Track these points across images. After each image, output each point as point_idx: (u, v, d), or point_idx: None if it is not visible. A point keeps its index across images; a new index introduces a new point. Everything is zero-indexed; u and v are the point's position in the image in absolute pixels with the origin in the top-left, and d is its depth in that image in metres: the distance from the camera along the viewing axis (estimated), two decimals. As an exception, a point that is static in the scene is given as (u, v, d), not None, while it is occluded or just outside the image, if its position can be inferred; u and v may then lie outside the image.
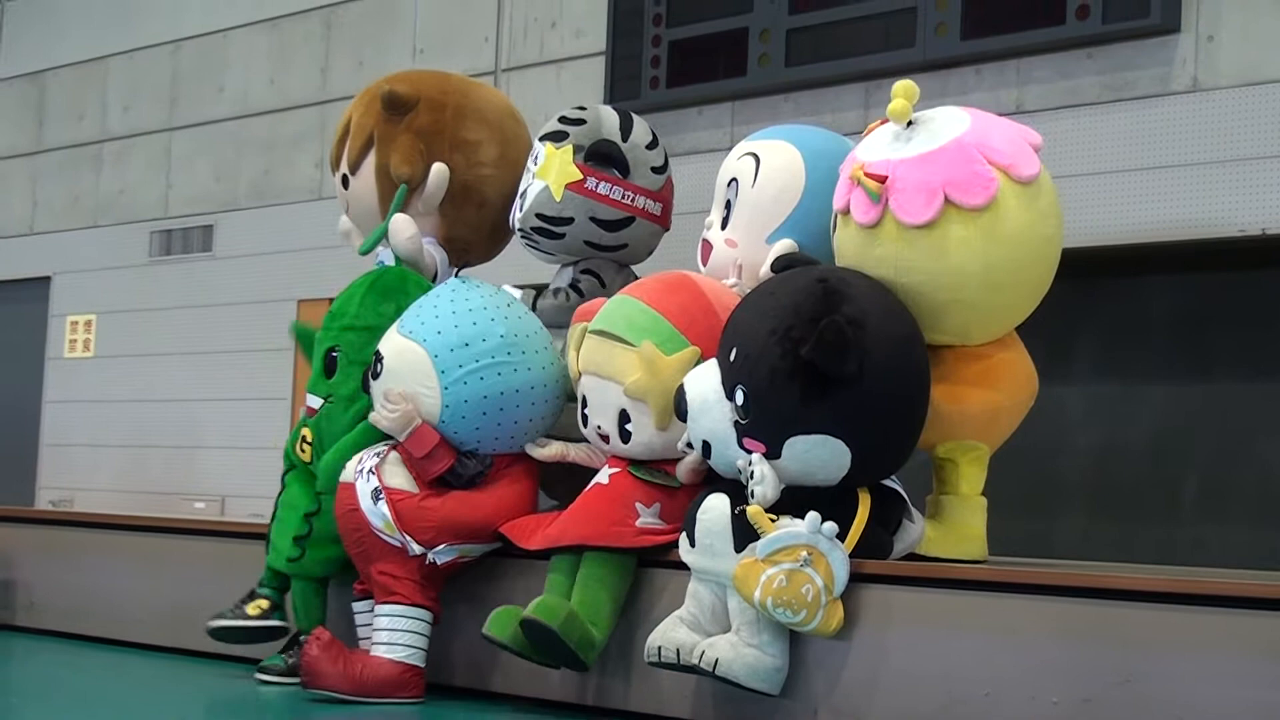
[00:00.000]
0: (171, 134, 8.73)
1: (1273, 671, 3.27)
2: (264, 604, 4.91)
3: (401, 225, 4.93)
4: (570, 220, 4.89)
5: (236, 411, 8.04)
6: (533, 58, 7.07)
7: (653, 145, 5.01)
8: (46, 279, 9.32)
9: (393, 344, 4.54)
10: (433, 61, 7.18)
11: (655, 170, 4.98)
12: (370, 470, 4.47)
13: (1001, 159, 3.95)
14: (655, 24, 6.38)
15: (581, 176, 4.88)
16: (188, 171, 8.60)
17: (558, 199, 4.88)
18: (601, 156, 4.90)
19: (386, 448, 4.52)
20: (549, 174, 4.89)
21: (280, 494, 4.89)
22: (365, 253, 5.04)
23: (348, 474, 4.52)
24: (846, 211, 4.07)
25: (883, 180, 3.95)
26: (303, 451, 4.83)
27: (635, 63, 6.44)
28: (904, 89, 4.01)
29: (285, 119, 8.13)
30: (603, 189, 4.89)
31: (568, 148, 4.88)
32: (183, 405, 8.40)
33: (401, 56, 7.50)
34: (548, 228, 4.92)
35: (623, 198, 4.90)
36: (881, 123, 4.15)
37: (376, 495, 4.44)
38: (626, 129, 4.96)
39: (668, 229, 5.11)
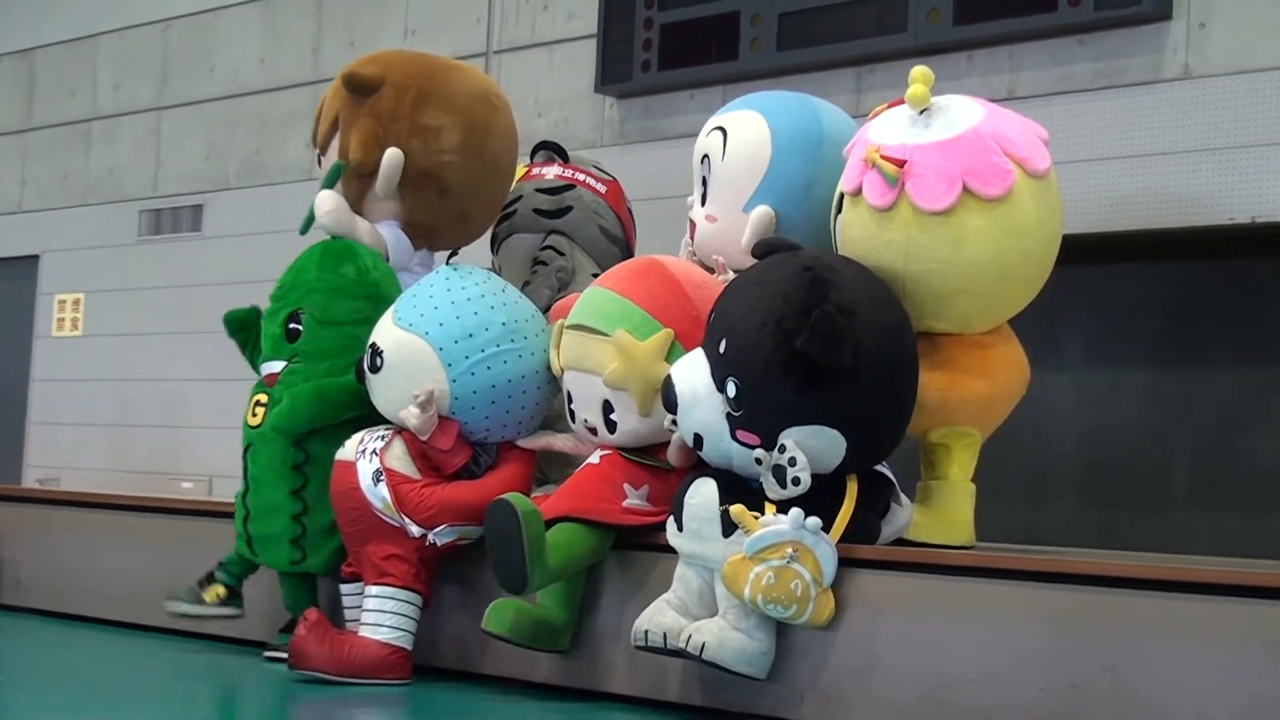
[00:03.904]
0: (161, 113, 8.71)
1: (1259, 660, 3.28)
2: (221, 591, 4.93)
3: (322, 200, 4.97)
4: (519, 198, 5.26)
5: (224, 392, 7.99)
6: (524, 40, 7.05)
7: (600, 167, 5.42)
8: (35, 257, 9.30)
9: (391, 336, 4.53)
10: (424, 42, 7.17)
11: (599, 169, 5.35)
12: (373, 452, 4.47)
13: (1017, 151, 3.96)
14: (647, 7, 6.36)
15: (527, 169, 5.36)
16: (178, 151, 8.58)
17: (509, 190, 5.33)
18: (544, 152, 5.37)
19: (391, 433, 4.52)
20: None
21: (245, 489, 4.84)
22: (303, 233, 5.08)
23: (348, 452, 4.52)
24: (857, 193, 4.06)
25: (901, 164, 3.94)
26: (254, 415, 4.81)
27: (627, 46, 6.42)
28: (922, 74, 4.01)
29: (276, 99, 8.11)
30: (543, 170, 5.32)
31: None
32: (171, 385, 8.39)
33: (393, 37, 7.48)
34: (503, 213, 5.29)
35: (562, 172, 5.27)
36: (889, 106, 4.15)
37: (377, 477, 4.44)
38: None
39: (623, 223, 5.24)
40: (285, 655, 4.70)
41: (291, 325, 4.80)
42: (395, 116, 5.01)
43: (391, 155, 4.98)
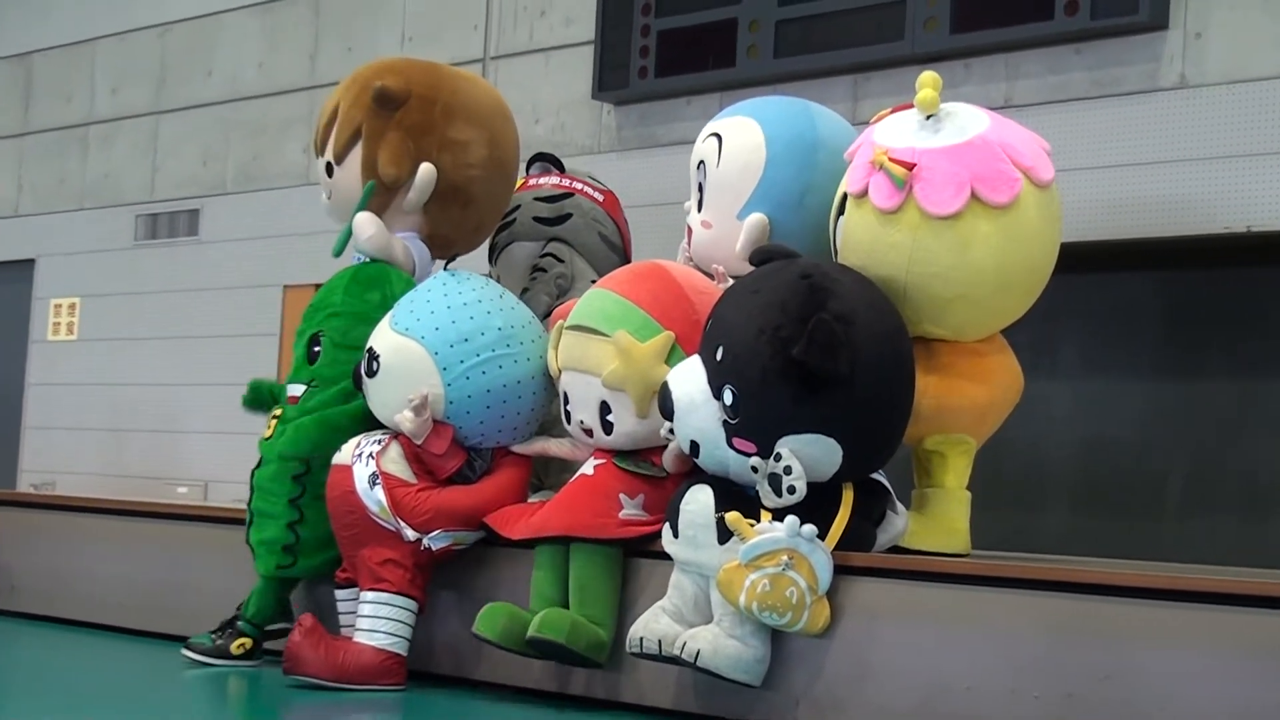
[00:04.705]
0: (159, 117, 8.70)
1: (1254, 668, 3.28)
2: (247, 643, 4.85)
3: (362, 224, 4.89)
4: (517, 207, 5.25)
5: (221, 397, 7.99)
6: (522, 46, 7.06)
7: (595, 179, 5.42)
8: (31, 261, 9.28)
9: (388, 341, 4.53)
10: (422, 48, 7.17)
11: (593, 179, 5.36)
12: (370, 455, 4.47)
13: (1024, 160, 3.98)
14: (644, 13, 6.37)
15: (524, 180, 5.37)
16: (174, 155, 8.58)
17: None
18: (540, 163, 5.39)
19: (388, 437, 4.52)
20: None
21: (249, 497, 4.86)
22: (337, 255, 5.03)
23: (344, 456, 4.53)
24: (862, 195, 4.06)
25: (910, 167, 3.95)
26: (268, 429, 4.81)
27: (624, 52, 6.43)
28: (931, 79, 4.02)
29: (274, 104, 8.11)
30: (540, 180, 5.32)
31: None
32: (167, 390, 8.39)
33: (390, 43, 7.48)
34: (502, 223, 5.27)
35: (559, 181, 5.28)
36: (892, 111, 4.15)
37: (373, 480, 4.44)
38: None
39: (620, 232, 5.27)
40: (200, 656, 4.78)
41: (314, 349, 4.79)
42: (425, 130, 4.98)
43: (426, 171, 4.95)
